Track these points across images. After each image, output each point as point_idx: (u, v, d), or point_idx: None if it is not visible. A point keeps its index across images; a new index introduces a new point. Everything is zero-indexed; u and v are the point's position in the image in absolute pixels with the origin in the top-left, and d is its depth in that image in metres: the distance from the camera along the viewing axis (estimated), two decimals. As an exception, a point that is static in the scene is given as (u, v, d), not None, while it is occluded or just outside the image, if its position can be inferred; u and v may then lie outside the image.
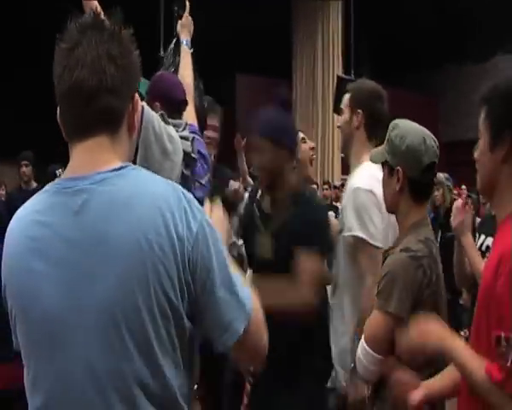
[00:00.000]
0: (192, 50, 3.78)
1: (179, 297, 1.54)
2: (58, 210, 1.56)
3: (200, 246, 1.56)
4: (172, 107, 3.14)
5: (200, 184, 3.21)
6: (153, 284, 1.50)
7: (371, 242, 3.07)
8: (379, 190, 3.04)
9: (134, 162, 2.02)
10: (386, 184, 2.78)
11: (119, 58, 1.57)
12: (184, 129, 3.16)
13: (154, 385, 1.54)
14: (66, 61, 1.57)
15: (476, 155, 2.14)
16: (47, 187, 1.63)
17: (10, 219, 1.71)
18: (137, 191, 1.55)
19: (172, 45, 3.85)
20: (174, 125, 3.06)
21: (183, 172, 2.96)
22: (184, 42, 3.75)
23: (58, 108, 1.62)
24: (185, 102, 3.30)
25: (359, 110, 3.30)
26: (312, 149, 3.93)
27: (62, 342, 1.53)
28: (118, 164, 1.59)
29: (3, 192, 9.03)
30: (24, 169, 7.30)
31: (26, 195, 6.55)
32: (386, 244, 3.09)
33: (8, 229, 1.65)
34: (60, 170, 6.40)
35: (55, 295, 1.52)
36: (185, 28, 3.79)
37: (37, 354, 1.58)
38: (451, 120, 13.44)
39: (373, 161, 2.86)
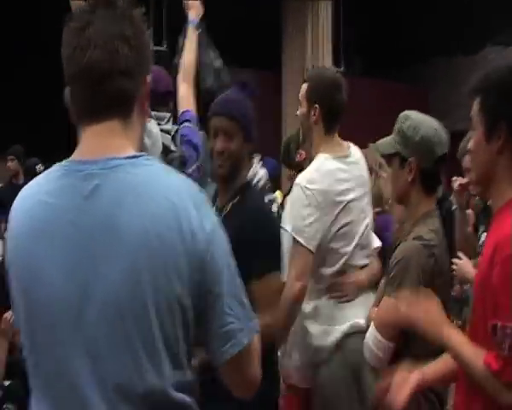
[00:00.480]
0: (200, 31, 3.65)
1: (187, 296, 1.48)
2: (66, 193, 1.50)
3: (212, 247, 1.51)
4: (156, 99, 3.12)
5: (185, 173, 3.17)
6: (161, 279, 1.45)
7: (296, 237, 3.06)
8: (322, 185, 3.03)
9: None
10: (396, 175, 2.75)
11: (132, 38, 1.52)
12: (168, 121, 3.14)
13: (155, 383, 1.47)
14: (76, 41, 1.50)
15: (470, 146, 2.13)
16: (54, 168, 1.58)
17: (1, 213, 1.70)
18: (151, 183, 1.50)
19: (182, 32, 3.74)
20: (157, 118, 3.05)
21: None
22: (191, 22, 3.64)
23: (67, 90, 1.56)
24: (170, 94, 3.27)
25: (316, 104, 3.20)
26: None
27: (64, 329, 1.48)
28: (131, 151, 1.53)
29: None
30: (9, 164, 7.29)
31: (15, 189, 6.59)
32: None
33: (12, 209, 1.61)
34: (39, 165, 6.37)
35: (59, 280, 1.47)
36: (194, 8, 3.67)
37: (38, 338, 1.52)
38: (442, 112, 13.42)
39: (381, 151, 2.82)
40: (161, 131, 3.05)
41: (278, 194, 6.00)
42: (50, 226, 1.49)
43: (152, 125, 2.98)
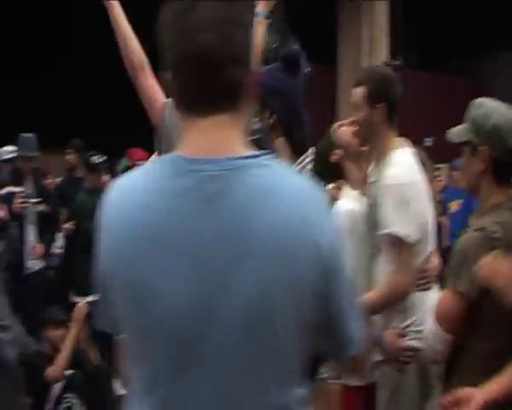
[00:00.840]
0: (269, 21, 3.61)
1: (312, 307, 1.38)
2: (183, 196, 1.35)
3: (332, 252, 1.40)
4: None
5: None
6: (292, 290, 1.34)
7: (400, 235, 3.01)
8: (406, 178, 3.00)
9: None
10: (468, 164, 2.68)
11: (243, 21, 1.38)
12: None
13: (281, 403, 1.39)
14: (183, 24, 1.35)
15: None
16: (155, 165, 1.44)
17: (61, 206, 1.64)
18: (276, 186, 1.38)
19: None
20: None
21: None
22: (259, 14, 3.61)
23: (168, 77, 1.41)
24: None
25: (380, 104, 3.15)
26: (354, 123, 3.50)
27: (185, 345, 1.35)
28: (248, 150, 1.41)
29: (52, 180, 9.18)
30: (68, 157, 7.39)
31: (74, 182, 6.64)
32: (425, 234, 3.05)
33: (109, 210, 1.43)
34: (96, 157, 6.43)
35: (179, 293, 1.33)
36: (262, 2, 3.63)
37: (152, 353, 1.39)
38: (500, 106, 13.23)
39: (453, 140, 2.76)
40: None
41: (331, 186, 5.94)
42: (165, 232, 1.34)
43: None
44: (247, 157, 1.38)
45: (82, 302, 4.82)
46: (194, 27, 1.34)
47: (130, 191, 1.41)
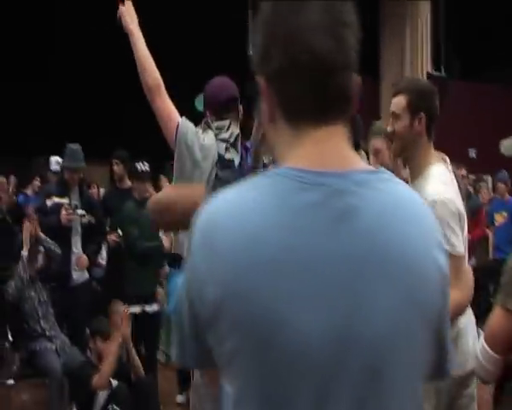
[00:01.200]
0: None
1: (435, 327, 1.30)
2: (308, 212, 1.20)
3: (446, 269, 1.32)
4: (221, 108, 3.19)
5: None
6: (425, 313, 1.26)
7: (455, 251, 2.99)
8: (450, 194, 2.97)
9: None
10: None
11: (354, 26, 1.27)
12: (228, 129, 3.17)
13: None
14: (290, 25, 1.23)
15: None
16: (260, 179, 1.27)
17: (105, 217, 1.57)
18: (403, 202, 1.29)
19: None
20: (217, 128, 3.11)
21: (217, 175, 3.00)
22: None
23: (263, 83, 1.29)
24: (234, 100, 3.29)
25: (422, 113, 3.15)
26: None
27: (320, 382, 1.19)
28: (366, 164, 1.31)
29: (95, 191, 9.25)
30: (115, 168, 7.41)
31: (121, 194, 6.61)
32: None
33: (212, 230, 1.24)
34: (139, 164, 6.46)
35: (311, 323, 1.18)
36: None
37: (271, 394, 1.20)
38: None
39: (505, 153, 2.71)
40: (218, 140, 3.10)
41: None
42: (288, 253, 1.18)
43: (207, 138, 3.07)
44: (368, 171, 1.27)
45: (121, 307, 4.86)
46: (307, 30, 1.22)
47: (237, 209, 1.23)
